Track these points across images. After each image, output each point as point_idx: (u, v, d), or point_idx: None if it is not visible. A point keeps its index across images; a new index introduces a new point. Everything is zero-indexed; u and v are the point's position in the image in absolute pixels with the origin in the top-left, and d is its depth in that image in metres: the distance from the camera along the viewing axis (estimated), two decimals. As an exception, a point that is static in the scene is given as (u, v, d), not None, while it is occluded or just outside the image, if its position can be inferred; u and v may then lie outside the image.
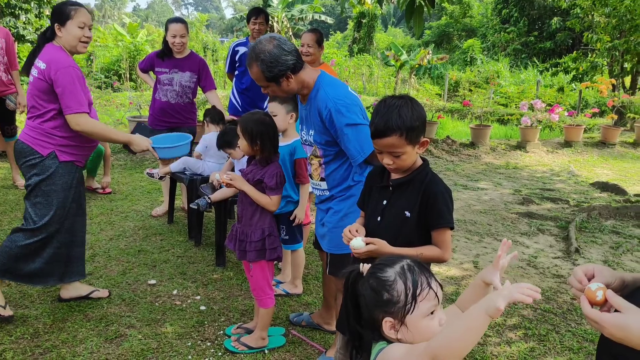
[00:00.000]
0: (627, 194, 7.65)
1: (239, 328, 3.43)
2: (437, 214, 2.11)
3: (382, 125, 2.04)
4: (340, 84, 2.76)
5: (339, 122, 2.58)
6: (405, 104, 2.07)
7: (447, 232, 2.14)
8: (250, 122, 3.02)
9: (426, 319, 1.39)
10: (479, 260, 4.89)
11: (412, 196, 2.15)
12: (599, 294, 1.26)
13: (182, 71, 5.24)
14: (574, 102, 14.39)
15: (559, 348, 3.47)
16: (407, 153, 2.09)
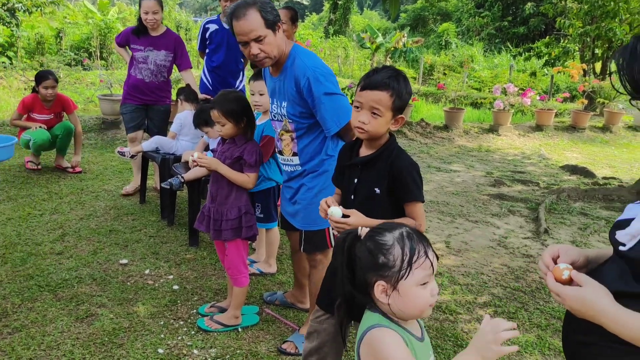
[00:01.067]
0: (596, 176, 7.83)
1: (213, 307, 3.42)
2: (406, 188, 2.13)
3: (379, 80, 2.04)
4: (315, 55, 2.77)
5: (317, 90, 2.58)
6: (404, 77, 2.11)
7: (418, 205, 2.16)
8: (229, 103, 2.97)
9: (419, 287, 1.40)
10: (451, 241, 4.96)
11: (380, 172, 2.16)
12: (565, 273, 1.31)
13: (157, 49, 5.18)
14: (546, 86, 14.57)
15: (527, 325, 3.55)
16: (384, 117, 2.07)
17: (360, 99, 2.10)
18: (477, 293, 3.94)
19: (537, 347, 3.29)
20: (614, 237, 1.33)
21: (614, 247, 1.33)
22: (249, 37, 2.59)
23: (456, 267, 4.37)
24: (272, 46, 2.63)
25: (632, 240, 1.25)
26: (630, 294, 1.23)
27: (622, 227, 1.31)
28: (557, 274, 1.32)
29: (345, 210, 2.13)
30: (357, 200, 2.23)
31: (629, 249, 1.26)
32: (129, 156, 4.87)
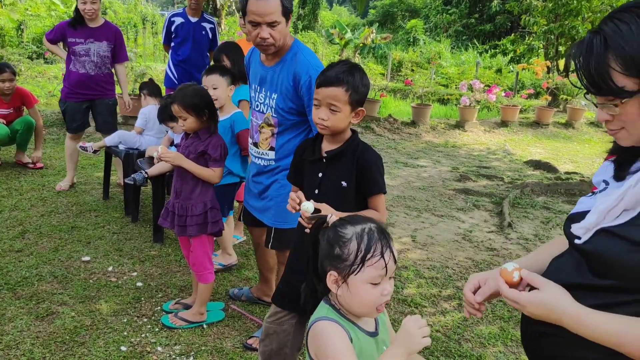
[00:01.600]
0: (558, 171, 8.00)
1: (177, 304, 3.39)
2: (373, 181, 2.20)
3: (334, 75, 2.06)
4: (315, 55, 2.75)
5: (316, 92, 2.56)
6: (360, 69, 2.13)
7: (382, 197, 2.26)
8: (189, 96, 2.93)
9: (368, 285, 1.40)
10: (417, 235, 5.00)
11: (347, 166, 2.20)
12: (515, 275, 1.29)
13: (98, 41, 5.06)
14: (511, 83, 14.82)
15: (490, 317, 3.61)
16: (343, 112, 2.10)
17: (317, 96, 2.13)
18: (442, 286, 3.99)
19: (499, 338, 3.35)
20: (569, 231, 1.35)
21: (569, 240, 1.35)
22: (264, 19, 2.52)
23: (422, 261, 4.41)
24: (281, 34, 2.58)
25: (587, 234, 1.27)
26: (586, 286, 1.25)
27: (576, 221, 1.33)
28: (508, 277, 1.30)
29: (317, 205, 2.14)
30: (322, 195, 2.24)
31: (584, 242, 1.28)
32: (92, 151, 4.77)
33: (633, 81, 1.14)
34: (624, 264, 1.17)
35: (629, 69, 1.13)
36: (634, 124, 1.19)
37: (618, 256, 1.18)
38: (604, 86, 1.16)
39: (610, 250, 1.20)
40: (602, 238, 1.24)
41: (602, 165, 1.43)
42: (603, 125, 1.21)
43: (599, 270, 1.24)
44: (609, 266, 1.21)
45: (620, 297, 1.19)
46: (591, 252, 1.26)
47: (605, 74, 1.15)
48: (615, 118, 1.22)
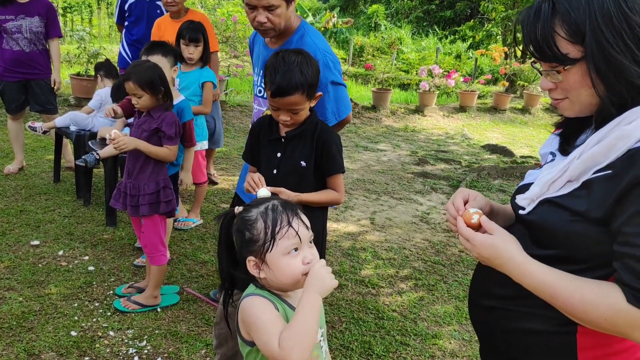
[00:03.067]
0: (514, 155, 8.16)
1: (130, 287, 3.31)
2: (332, 160, 2.21)
3: (286, 84, 2.01)
4: (322, 36, 2.55)
5: (325, 76, 2.32)
6: (304, 60, 2.06)
7: (340, 177, 2.28)
8: (142, 73, 2.84)
9: (287, 256, 1.38)
10: (375, 217, 5.02)
11: (306, 146, 2.20)
12: (475, 218, 1.30)
13: (29, 16, 4.81)
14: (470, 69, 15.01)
15: (446, 297, 3.66)
16: (305, 109, 2.12)
17: (274, 104, 2.09)
18: (399, 267, 4.02)
19: (454, 317, 3.39)
20: (514, 202, 1.35)
21: (515, 212, 1.35)
22: (260, 2, 2.29)
23: (380, 243, 4.44)
24: (281, 18, 2.34)
25: (531, 204, 1.28)
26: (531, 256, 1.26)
27: (523, 192, 1.33)
28: (467, 218, 1.31)
29: (273, 189, 2.11)
30: (280, 174, 2.22)
31: (527, 212, 1.28)
32: (41, 132, 4.60)
33: (577, 48, 1.14)
34: (564, 234, 1.18)
35: (574, 36, 1.13)
36: (577, 93, 1.19)
37: (559, 226, 1.19)
38: (548, 52, 1.16)
39: (552, 220, 1.21)
40: (544, 208, 1.24)
41: (549, 138, 1.44)
42: (546, 95, 1.21)
43: (541, 240, 1.25)
44: (550, 236, 1.22)
45: (564, 267, 1.19)
46: (534, 222, 1.26)
47: (550, 39, 1.15)
48: (558, 86, 1.22)
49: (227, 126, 8.10)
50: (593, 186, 1.15)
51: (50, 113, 5.05)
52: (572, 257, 1.19)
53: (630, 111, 1.13)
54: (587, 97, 1.19)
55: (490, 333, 1.41)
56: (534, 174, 1.37)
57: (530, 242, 1.28)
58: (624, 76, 1.11)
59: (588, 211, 1.14)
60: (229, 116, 8.43)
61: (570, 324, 1.21)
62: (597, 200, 1.14)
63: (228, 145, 6.95)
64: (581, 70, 1.15)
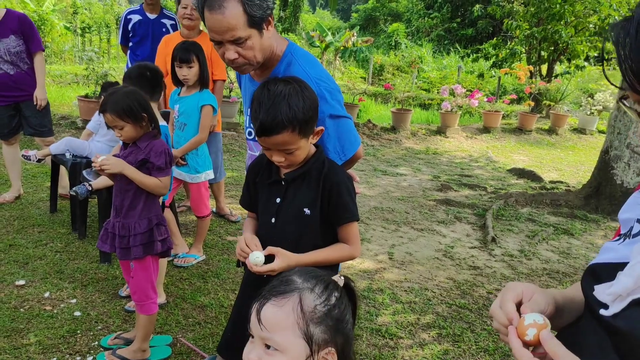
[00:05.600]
0: (543, 180, 7.70)
1: (117, 338, 2.95)
2: (343, 207, 1.85)
3: (270, 122, 1.65)
4: (317, 61, 2.09)
5: (321, 110, 1.90)
6: (294, 90, 1.69)
7: (354, 225, 1.90)
8: (119, 101, 2.49)
9: None
10: (395, 251, 4.62)
11: (311, 190, 1.83)
12: (530, 333, 0.91)
13: (3, 37, 4.44)
14: (494, 88, 14.59)
15: (474, 349, 3.23)
16: (301, 148, 1.75)
17: (264, 144, 1.73)
18: (420, 312, 3.60)
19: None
20: (591, 293, 0.95)
21: (591, 306, 0.95)
22: (223, 37, 1.86)
23: (399, 283, 4.02)
24: (255, 50, 1.92)
25: (619, 303, 0.88)
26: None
27: (602, 278, 0.93)
28: (521, 332, 0.94)
29: (271, 250, 1.75)
30: (279, 224, 1.86)
31: (613, 315, 0.88)
32: (35, 160, 4.31)
33: None
34: None
35: None
36: None
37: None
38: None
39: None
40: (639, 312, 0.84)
41: (633, 198, 1.03)
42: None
43: (634, 357, 0.85)
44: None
45: None
46: (623, 331, 0.86)
47: None
48: None
49: (240, 150, 7.79)
50: None
51: (45, 136, 4.75)
52: None
53: None
54: None
55: None
56: (615, 250, 0.96)
57: (614, 355, 0.88)
58: None
59: None
60: (242, 138, 8.12)
61: None
62: None
63: (239, 170, 6.62)
64: None
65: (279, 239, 1.83)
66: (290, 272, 1.21)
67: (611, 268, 0.93)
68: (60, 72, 9.83)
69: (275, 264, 1.74)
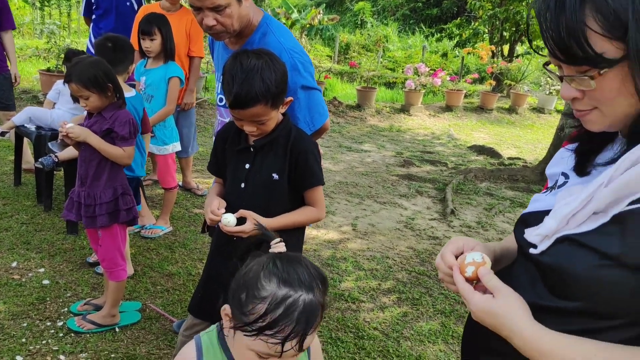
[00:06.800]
0: (502, 157, 7.96)
1: (87, 304, 3.02)
2: (310, 172, 1.95)
3: (244, 95, 1.72)
4: (290, 33, 2.19)
5: (293, 81, 2.01)
6: (266, 64, 1.76)
7: (320, 189, 2.01)
8: (84, 71, 2.53)
9: (252, 353, 1.12)
10: (358, 223, 4.77)
11: (278, 156, 1.92)
12: (469, 270, 1.04)
13: None
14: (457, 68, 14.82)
15: (431, 312, 3.41)
16: (272, 118, 1.84)
17: (236, 115, 1.81)
18: (382, 279, 3.76)
19: (440, 335, 3.15)
20: (522, 237, 1.08)
21: (522, 248, 1.08)
22: (204, 3, 1.93)
23: (361, 252, 4.18)
24: (233, 19, 2.00)
25: (545, 242, 1.01)
26: (545, 307, 0.99)
27: (531, 223, 1.06)
28: (461, 269, 1.06)
29: (241, 213, 1.85)
30: (249, 189, 1.95)
31: (540, 252, 1.01)
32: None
33: (615, 45, 0.87)
34: (590, 282, 0.91)
35: (611, 29, 0.86)
36: (611, 102, 0.92)
37: (583, 272, 0.92)
38: (578, 53, 0.88)
39: (574, 264, 0.94)
40: (563, 248, 0.97)
41: (559, 154, 1.17)
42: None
43: (559, 288, 0.98)
44: (571, 284, 0.95)
45: (588, 324, 0.94)
46: (549, 266, 0.99)
47: (581, 35, 0.87)
48: (586, 95, 0.95)
49: (205, 125, 7.80)
50: (628, 222, 0.89)
51: (8, 110, 4.72)
52: (601, 311, 0.93)
53: None
54: (625, 107, 0.92)
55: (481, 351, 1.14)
56: (543, 200, 1.10)
57: (543, 289, 1.01)
58: None
59: (623, 254, 0.88)
60: (208, 114, 8.13)
61: None
62: (633, 239, 0.87)
63: (205, 145, 6.65)
64: (621, 74, 0.88)
65: (249, 204, 1.91)
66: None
67: (539, 215, 1.06)
68: (20, 45, 9.60)
69: (247, 226, 1.84)
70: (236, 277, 1.18)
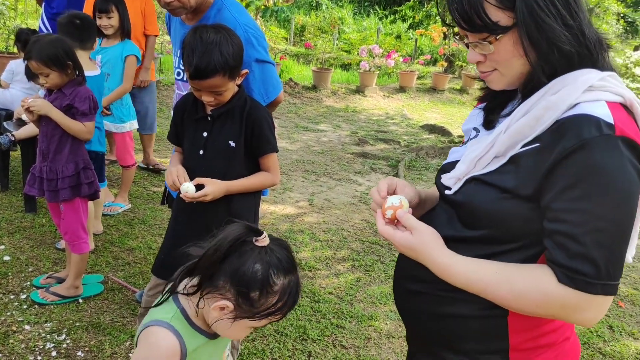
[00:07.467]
0: (452, 135, 8.25)
1: (49, 278, 3.10)
2: (265, 140, 2.09)
3: (204, 67, 1.84)
4: (244, 9, 2.30)
5: (248, 55, 2.08)
6: (224, 38, 1.89)
7: (274, 156, 2.16)
8: (44, 48, 2.59)
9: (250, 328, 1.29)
10: (314, 198, 4.94)
11: (235, 125, 2.06)
12: (388, 213, 1.20)
13: None
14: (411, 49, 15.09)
15: (383, 277, 3.62)
16: (229, 89, 1.98)
17: (195, 86, 1.94)
18: (337, 248, 3.95)
19: (390, 297, 3.36)
20: (440, 182, 1.27)
21: (440, 191, 1.28)
22: None
23: (318, 224, 4.36)
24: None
25: (457, 184, 1.20)
26: (459, 238, 1.19)
27: (447, 171, 1.26)
28: (382, 212, 1.22)
29: (200, 181, 1.97)
30: (207, 156, 2.08)
31: (453, 192, 1.21)
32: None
33: (507, 15, 1.06)
34: (493, 213, 1.11)
35: (503, 1, 1.05)
36: (507, 63, 1.12)
37: (487, 204, 1.12)
38: (477, 22, 1.07)
39: (479, 199, 1.14)
40: (471, 187, 1.17)
41: (471, 114, 1.36)
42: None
43: (469, 220, 1.18)
44: (478, 216, 1.15)
45: (493, 248, 1.13)
46: (461, 202, 1.19)
47: (480, 7, 1.06)
48: (487, 58, 1.14)
49: (160, 106, 7.78)
50: (521, 161, 1.08)
51: None
52: (502, 237, 1.13)
53: (555, 81, 1.07)
54: (518, 67, 1.11)
55: (417, 318, 1.34)
56: (459, 152, 1.29)
57: (458, 224, 1.21)
58: (554, 42, 1.05)
59: (516, 187, 1.08)
60: (163, 95, 8.11)
61: (500, 307, 1.15)
62: (525, 175, 1.07)
63: (161, 126, 6.66)
64: (513, 39, 1.08)
65: (207, 170, 2.04)
66: None
67: (454, 163, 1.26)
68: (-37, 26, 9.32)
69: (207, 189, 1.97)
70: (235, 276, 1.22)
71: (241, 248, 1.23)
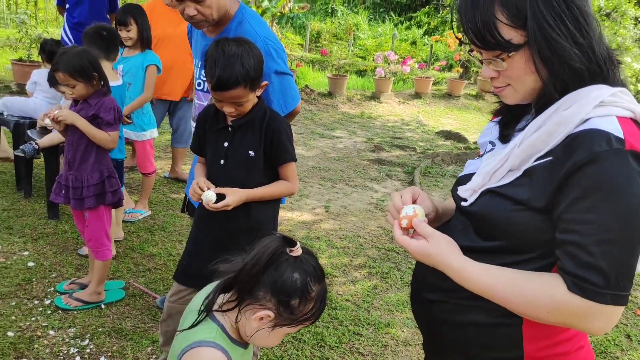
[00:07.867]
0: (468, 141, 8.25)
1: (72, 284, 3.17)
2: (284, 149, 2.15)
3: (226, 78, 1.91)
4: (264, 22, 2.39)
5: (268, 66, 2.14)
6: (245, 51, 1.96)
7: (292, 165, 2.21)
8: (71, 60, 2.67)
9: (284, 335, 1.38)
10: (330, 205, 4.98)
11: (255, 135, 2.12)
12: (403, 222, 1.24)
13: None
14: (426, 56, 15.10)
15: (399, 284, 3.65)
16: (249, 100, 2.04)
17: (217, 97, 2.00)
18: (353, 255, 3.98)
19: (407, 305, 3.38)
20: (456, 194, 1.31)
21: (457, 203, 1.31)
22: None
23: (334, 231, 4.39)
24: (212, 9, 2.16)
25: (473, 195, 1.24)
26: (475, 249, 1.22)
27: (463, 183, 1.29)
28: (398, 221, 1.26)
29: (221, 190, 2.03)
30: (228, 165, 2.14)
31: (470, 204, 1.24)
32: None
33: (519, 33, 1.10)
34: (507, 224, 1.15)
35: (515, 20, 1.09)
36: (520, 80, 1.15)
37: (501, 216, 1.16)
38: (491, 40, 1.11)
39: (494, 211, 1.18)
40: (487, 199, 1.21)
41: (487, 127, 1.41)
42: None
43: (485, 231, 1.22)
44: (493, 227, 1.19)
45: (507, 259, 1.17)
46: (476, 214, 1.23)
47: (492, 25, 1.10)
48: (501, 74, 1.18)
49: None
50: (534, 174, 1.12)
51: None
52: (516, 247, 1.17)
53: (567, 97, 1.11)
54: (531, 83, 1.15)
55: (433, 326, 1.37)
56: (475, 164, 1.33)
57: (473, 234, 1.24)
58: (565, 59, 1.08)
59: (530, 200, 1.12)
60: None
61: (515, 316, 1.18)
62: (538, 188, 1.11)
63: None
64: (525, 56, 1.12)
65: (228, 179, 2.11)
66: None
67: (470, 175, 1.30)
68: (-14, 35, 9.55)
69: (229, 199, 2.03)
70: (275, 286, 1.28)
71: (278, 259, 1.30)
